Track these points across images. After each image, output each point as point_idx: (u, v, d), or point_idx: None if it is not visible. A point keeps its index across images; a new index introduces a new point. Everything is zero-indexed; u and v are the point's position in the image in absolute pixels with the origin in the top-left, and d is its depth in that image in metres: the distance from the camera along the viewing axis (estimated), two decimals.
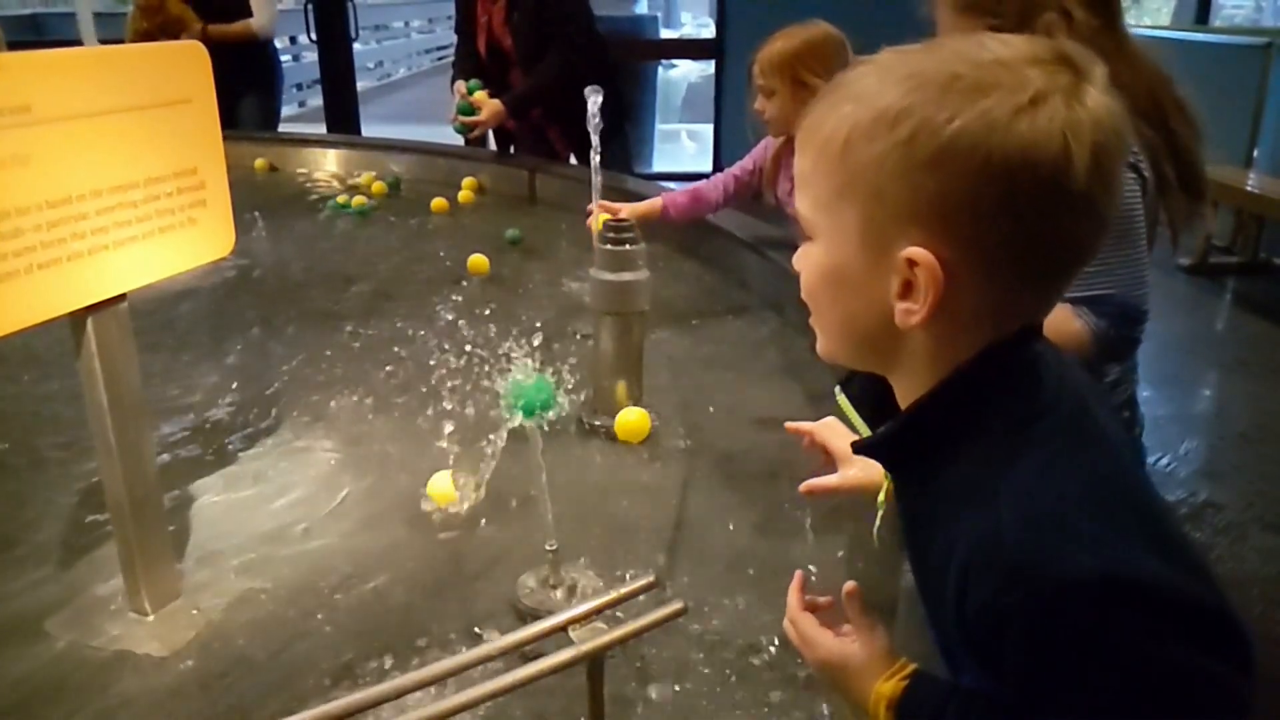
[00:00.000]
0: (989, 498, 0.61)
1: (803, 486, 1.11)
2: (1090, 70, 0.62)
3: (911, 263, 0.62)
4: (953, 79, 0.60)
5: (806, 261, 0.70)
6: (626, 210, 2.19)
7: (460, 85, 3.15)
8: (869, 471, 1.05)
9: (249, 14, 4.08)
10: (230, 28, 4.03)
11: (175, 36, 3.87)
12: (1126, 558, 0.57)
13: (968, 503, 0.63)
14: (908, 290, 0.63)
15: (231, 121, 4.03)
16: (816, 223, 0.68)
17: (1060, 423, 0.64)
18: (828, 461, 1.10)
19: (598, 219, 2.02)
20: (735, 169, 2.30)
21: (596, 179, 1.97)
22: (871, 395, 0.76)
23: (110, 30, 4.74)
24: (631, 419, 1.51)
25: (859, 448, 0.76)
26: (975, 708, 0.69)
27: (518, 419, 1.03)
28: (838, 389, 0.84)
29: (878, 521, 0.87)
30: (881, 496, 0.89)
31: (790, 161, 2.14)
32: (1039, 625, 0.58)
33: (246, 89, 4.11)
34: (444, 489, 1.31)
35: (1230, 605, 0.59)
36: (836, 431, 1.09)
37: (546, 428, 1.05)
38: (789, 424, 1.15)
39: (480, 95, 3.08)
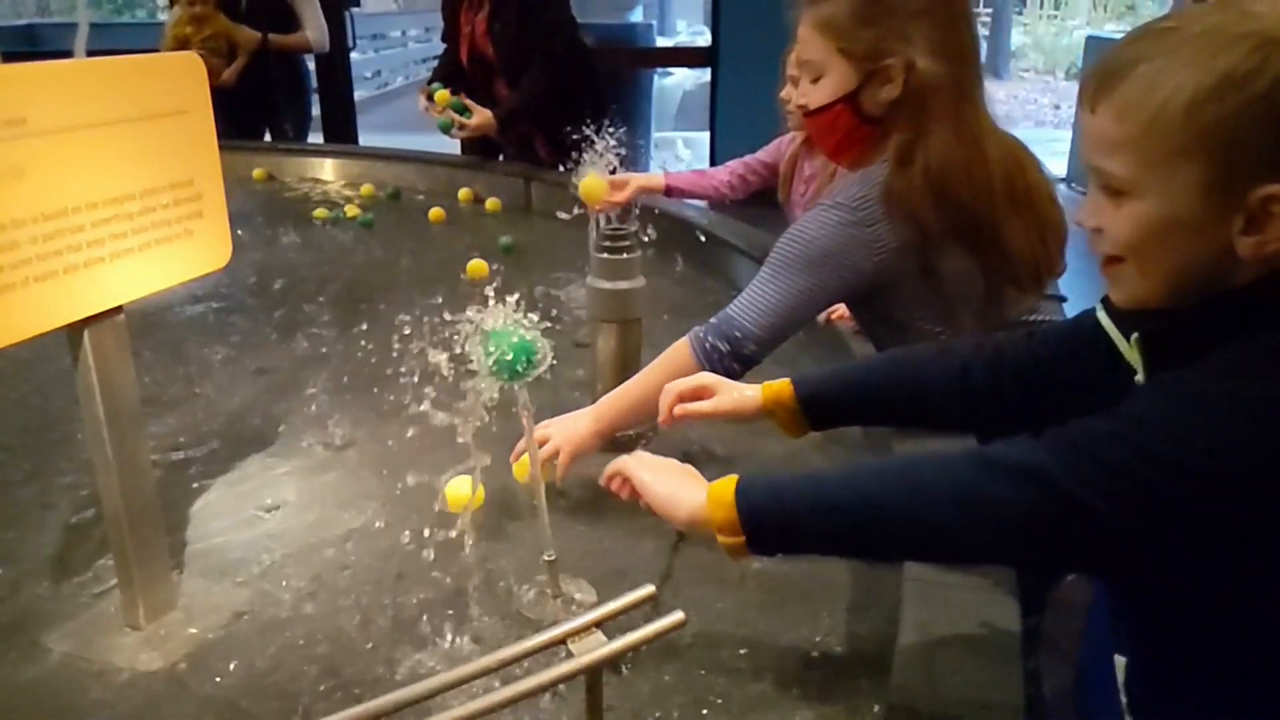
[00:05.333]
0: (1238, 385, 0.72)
1: (677, 410, 1.19)
2: None
3: (1270, 200, 0.71)
4: None
5: (1127, 219, 0.77)
6: (628, 192, 2.19)
7: (425, 88, 3.15)
8: (742, 400, 1.16)
9: (291, 29, 4.08)
10: (290, 39, 4.02)
11: (220, 50, 3.84)
12: None
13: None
14: (1251, 226, 0.72)
15: (269, 128, 4.06)
16: (1144, 183, 0.75)
17: None
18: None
19: (585, 187, 2.06)
20: (750, 158, 2.28)
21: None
22: (1129, 311, 0.84)
23: (106, 41, 4.73)
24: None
25: (1147, 329, 0.82)
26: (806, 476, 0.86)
27: (499, 378, 1.02)
28: (1099, 306, 0.89)
29: None
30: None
31: (806, 165, 2.13)
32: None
33: (283, 99, 4.13)
34: (459, 495, 1.31)
35: None
36: (693, 381, 1.20)
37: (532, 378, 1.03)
38: (663, 421, 1.22)
39: (442, 96, 3.06)
